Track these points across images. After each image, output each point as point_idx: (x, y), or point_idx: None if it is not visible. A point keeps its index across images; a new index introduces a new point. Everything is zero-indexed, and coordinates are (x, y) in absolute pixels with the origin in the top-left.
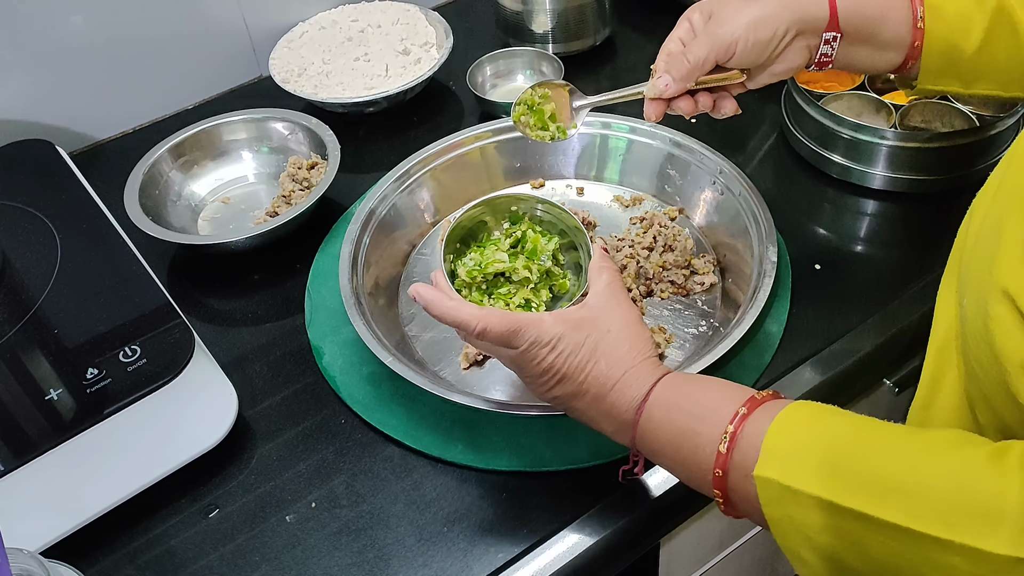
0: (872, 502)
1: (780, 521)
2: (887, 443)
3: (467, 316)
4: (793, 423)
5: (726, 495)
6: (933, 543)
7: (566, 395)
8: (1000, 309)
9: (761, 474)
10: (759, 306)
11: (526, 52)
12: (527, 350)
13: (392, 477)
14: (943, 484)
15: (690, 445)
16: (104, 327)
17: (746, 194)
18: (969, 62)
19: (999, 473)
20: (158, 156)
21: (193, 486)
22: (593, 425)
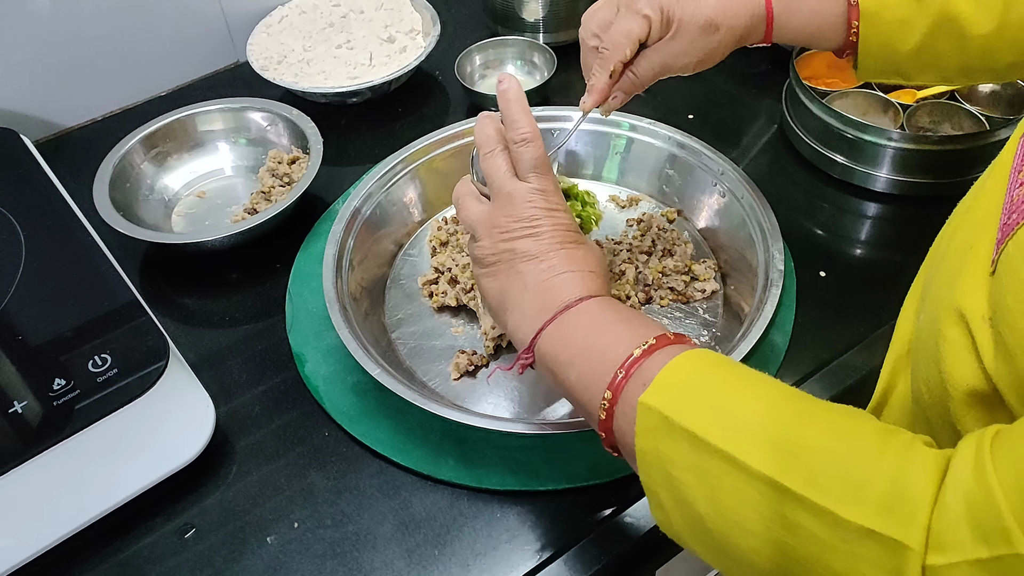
0: (746, 449)
1: (648, 454)
2: (777, 399)
3: (527, 120)
4: (691, 364)
5: (611, 419)
6: (792, 498)
7: (523, 251)
8: (954, 331)
9: (645, 401)
10: (766, 318)
11: (517, 42)
12: (534, 191)
13: (379, 495)
14: (821, 446)
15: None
16: (72, 334)
17: (749, 197)
18: (907, 61)
19: (879, 447)
20: (129, 147)
21: (167, 503)
22: (511, 297)
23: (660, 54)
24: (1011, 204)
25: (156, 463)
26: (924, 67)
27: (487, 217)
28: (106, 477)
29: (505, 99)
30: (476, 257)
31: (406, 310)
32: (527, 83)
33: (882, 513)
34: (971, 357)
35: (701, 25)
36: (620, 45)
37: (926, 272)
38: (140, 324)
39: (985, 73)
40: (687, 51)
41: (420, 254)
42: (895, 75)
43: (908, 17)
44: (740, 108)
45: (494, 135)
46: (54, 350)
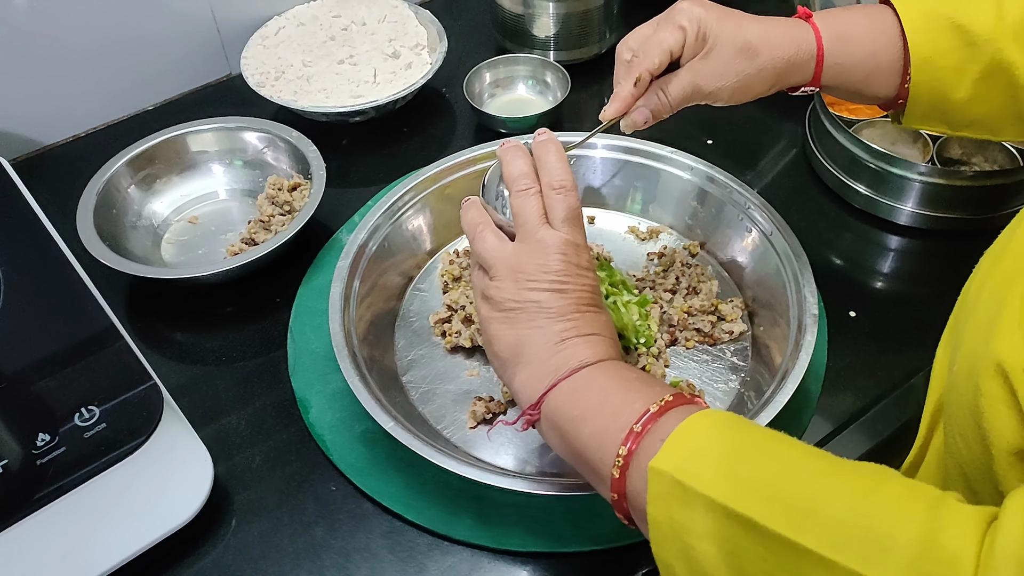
0: (761, 509)
1: (661, 523)
2: (792, 458)
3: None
4: (705, 425)
5: (625, 478)
6: (817, 562)
7: (548, 307)
8: (993, 385)
9: (657, 466)
10: (802, 367)
11: (529, 60)
12: (568, 243)
13: (391, 557)
14: (840, 503)
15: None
16: (56, 383)
17: (779, 235)
18: (957, 111)
19: (903, 504)
20: (115, 170)
21: (161, 568)
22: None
23: (692, 73)
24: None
25: (150, 525)
26: (972, 118)
27: (512, 259)
28: (96, 541)
29: (545, 148)
30: (492, 298)
31: (417, 351)
32: (539, 104)
33: (915, 572)
34: (1013, 413)
35: (739, 47)
36: (650, 53)
37: (957, 319)
38: (131, 372)
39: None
40: (721, 73)
41: (431, 289)
42: (941, 124)
43: (960, 64)
44: (760, 132)
45: (529, 172)
46: (37, 402)
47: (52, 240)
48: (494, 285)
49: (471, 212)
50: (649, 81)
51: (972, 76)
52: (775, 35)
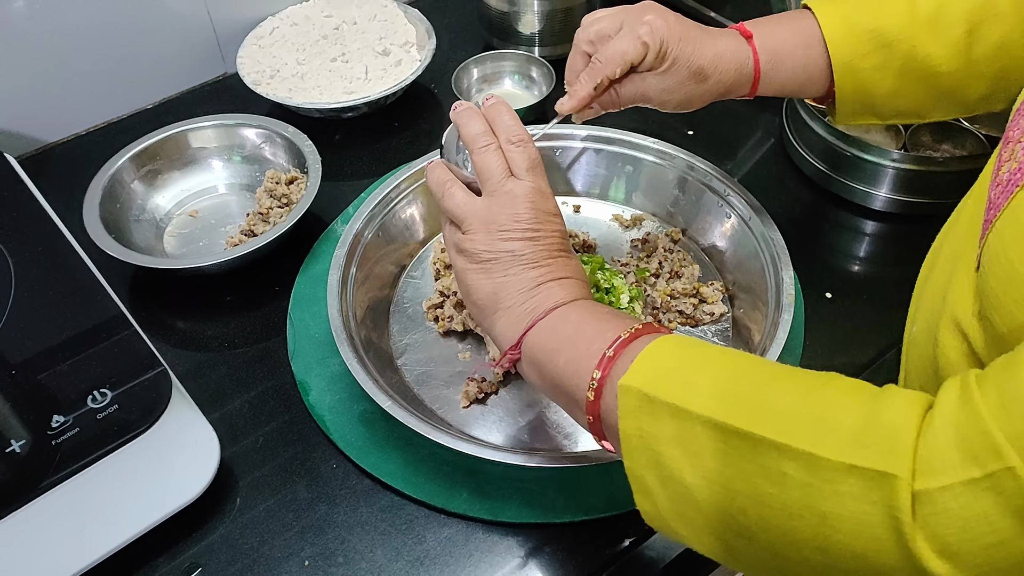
0: (718, 407)
1: (632, 436)
2: (748, 365)
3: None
4: (669, 345)
5: (599, 399)
6: (769, 447)
7: (522, 255)
8: (948, 336)
9: (626, 383)
10: (779, 345)
11: (515, 56)
12: (534, 191)
13: (391, 530)
14: (790, 397)
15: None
16: (68, 367)
17: (758, 221)
18: (883, 104)
19: (848, 393)
20: (119, 166)
21: (171, 542)
22: (502, 298)
23: (646, 83)
24: (989, 203)
25: (160, 501)
26: (899, 108)
27: (483, 212)
28: (108, 517)
29: (496, 110)
30: (467, 251)
31: (411, 335)
32: (525, 98)
33: (860, 447)
34: (966, 361)
35: (693, 71)
36: (613, 62)
37: (918, 287)
38: (140, 355)
39: (957, 107)
40: (672, 90)
41: (423, 276)
42: (871, 116)
43: (880, 64)
44: (738, 122)
45: (486, 130)
46: (50, 385)
47: (60, 233)
48: (468, 238)
49: (437, 171)
50: (608, 86)
51: (892, 72)
52: (724, 62)
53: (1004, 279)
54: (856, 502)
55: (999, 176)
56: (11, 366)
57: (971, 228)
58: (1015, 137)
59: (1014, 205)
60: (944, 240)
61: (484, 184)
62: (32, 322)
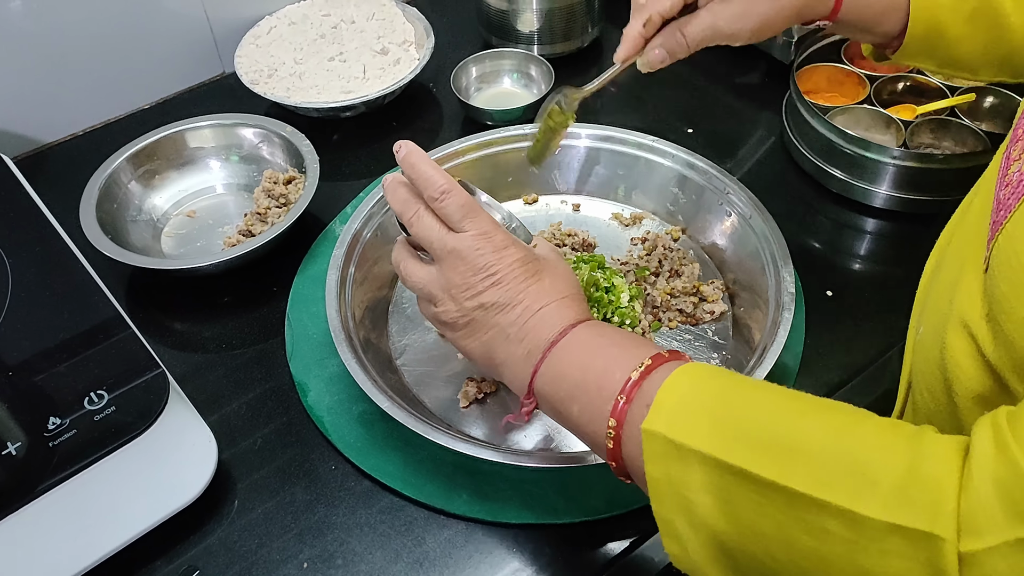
0: (751, 457)
1: (659, 481)
2: (774, 401)
3: (438, 174)
4: (687, 380)
5: (619, 446)
6: (808, 503)
7: (493, 303)
8: (956, 339)
9: (648, 427)
10: (780, 343)
11: (514, 54)
12: (477, 237)
13: (391, 532)
14: (823, 443)
15: (595, 387)
16: (65, 369)
17: (758, 219)
18: (946, 48)
19: (885, 438)
20: (116, 166)
21: (169, 545)
22: (498, 351)
23: (712, 15)
24: (998, 204)
25: (158, 503)
26: (957, 57)
27: (441, 279)
28: (105, 520)
29: (408, 163)
30: (444, 322)
31: (410, 336)
32: (524, 96)
33: (903, 505)
34: (974, 363)
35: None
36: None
37: (923, 287)
38: (137, 356)
39: (1009, 69)
40: (743, 14)
41: None
42: (929, 60)
43: (955, 3)
44: (738, 120)
45: (409, 196)
46: (47, 387)
47: (57, 234)
48: (441, 310)
49: (394, 252)
50: (660, 23)
51: (964, 14)
52: None
53: (1015, 282)
54: (901, 560)
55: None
56: (7, 368)
57: (978, 228)
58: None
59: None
60: (949, 239)
61: (431, 252)
62: (29, 323)
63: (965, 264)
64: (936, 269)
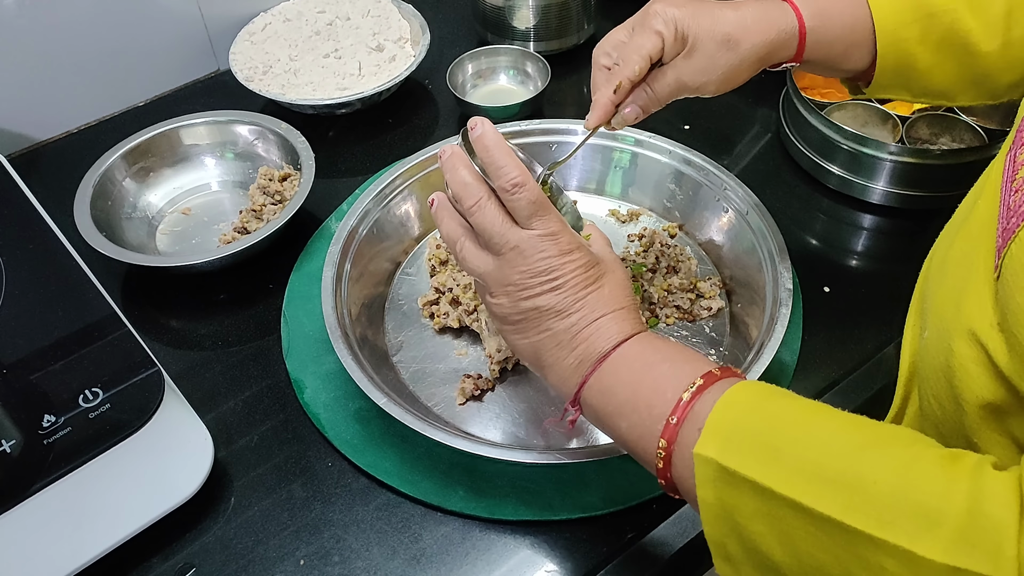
0: (807, 490)
1: (712, 505)
2: (833, 431)
3: (513, 164)
4: (740, 402)
5: (669, 467)
6: (867, 541)
7: (549, 308)
8: (964, 347)
9: (700, 452)
10: (777, 339)
11: (510, 50)
12: (543, 238)
13: (388, 528)
14: (884, 479)
15: (645, 406)
16: (60, 367)
17: (755, 215)
18: (918, 79)
19: (946, 476)
20: (110, 163)
21: (165, 542)
22: (546, 355)
23: (676, 71)
24: (1008, 210)
25: (153, 501)
26: (931, 86)
27: (498, 273)
28: (101, 517)
29: (483, 145)
30: (497, 315)
31: (407, 332)
32: (520, 93)
33: (964, 548)
34: (984, 371)
35: (719, 40)
36: (629, 61)
37: (923, 287)
38: (132, 354)
39: (986, 92)
40: (706, 68)
41: (418, 273)
42: (904, 91)
43: (921, 35)
44: (735, 117)
45: (473, 180)
46: (42, 384)
47: (51, 231)
48: (494, 302)
49: (445, 222)
50: (629, 88)
51: (931, 45)
52: (752, 21)
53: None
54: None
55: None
56: (2, 365)
57: (984, 232)
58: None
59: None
60: (952, 242)
61: (488, 245)
62: (23, 321)
63: (973, 271)
64: (939, 271)
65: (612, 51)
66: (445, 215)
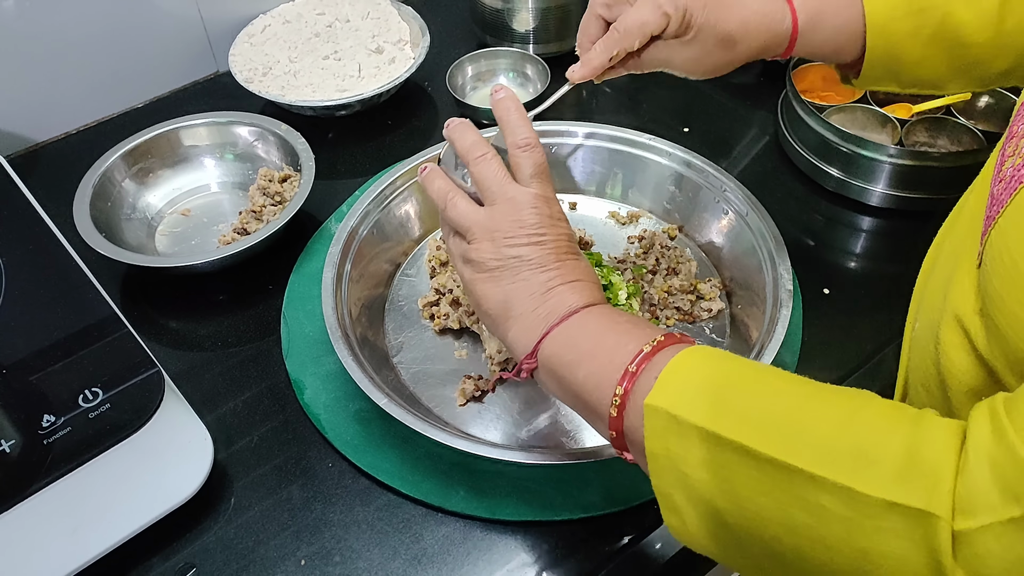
0: (751, 434)
1: (659, 456)
2: (780, 385)
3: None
4: (695, 360)
5: (622, 416)
6: (806, 480)
7: (531, 259)
8: (950, 334)
9: (651, 403)
10: (778, 340)
11: (509, 53)
12: (539, 197)
13: (388, 529)
14: (827, 423)
15: (606, 355)
16: (60, 367)
17: (755, 216)
18: (908, 71)
19: (888, 421)
20: (110, 164)
21: (165, 543)
22: (514, 305)
23: (670, 50)
24: (992, 199)
25: (154, 501)
26: (920, 77)
27: (487, 221)
28: (101, 518)
29: (504, 107)
30: (473, 260)
31: (407, 333)
32: (520, 96)
33: (901, 484)
34: (967, 356)
35: (720, 39)
36: (631, 35)
37: (920, 285)
38: (132, 354)
39: (975, 81)
40: (698, 59)
41: (418, 274)
42: (893, 83)
43: (912, 30)
44: (734, 119)
45: (480, 140)
46: (42, 385)
47: (50, 232)
48: (473, 248)
49: (437, 181)
50: (625, 58)
51: (923, 39)
52: (754, 26)
53: (1007, 278)
54: (897, 539)
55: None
56: (2, 366)
57: (972, 224)
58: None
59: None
60: (945, 237)
61: (484, 193)
62: (23, 321)
63: (959, 260)
64: (932, 266)
65: (612, 3)
66: (437, 175)
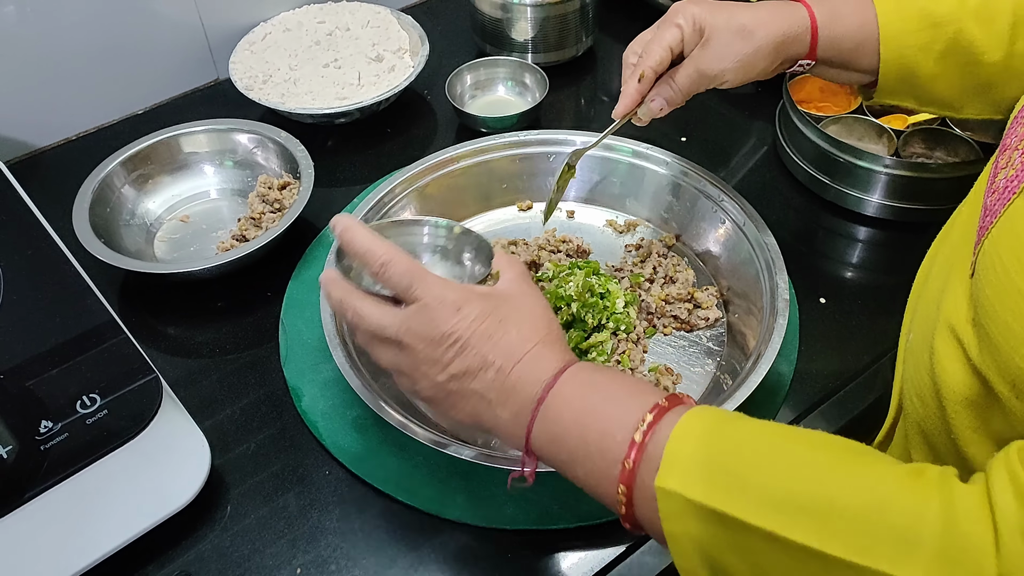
0: (781, 521)
1: (679, 538)
2: (796, 455)
3: (376, 246)
4: (696, 430)
5: (632, 509)
6: (845, 568)
7: (464, 371)
8: (943, 343)
9: (662, 485)
10: (774, 350)
11: (508, 62)
12: (427, 305)
13: (386, 536)
14: (856, 503)
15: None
16: (57, 372)
17: (752, 226)
18: (923, 87)
19: (916, 494)
20: (110, 170)
21: (162, 550)
22: (484, 417)
23: (695, 61)
24: (985, 210)
25: (150, 508)
26: (937, 95)
27: (407, 361)
28: (97, 524)
29: (346, 238)
30: (428, 399)
31: None
32: (519, 104)
33: (945, 569)
34: (961, 366)
35: (735, 30)
36: (652, 52)
37: (914, 296)
38: (130, 361)
39: (991, 106)
40: (722, 56)
41: None
42: (910, 98)
43: (924, 44)
44: (732, 130)
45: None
46: (39, 390)
47: (50, 238)
48: (419, 388)
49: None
50: (653, 77)
51: (935, 54)
52: (766, 15)
53: (999, 288)
54: None
55: (995, 183)
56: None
57: (966, 234)
58: (1012, 144)
59: (1010, 213)
60: (939, 247)
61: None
62: (21, 327)
63: (953, 270)
64: (926, 276)
65: (639, 49)
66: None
